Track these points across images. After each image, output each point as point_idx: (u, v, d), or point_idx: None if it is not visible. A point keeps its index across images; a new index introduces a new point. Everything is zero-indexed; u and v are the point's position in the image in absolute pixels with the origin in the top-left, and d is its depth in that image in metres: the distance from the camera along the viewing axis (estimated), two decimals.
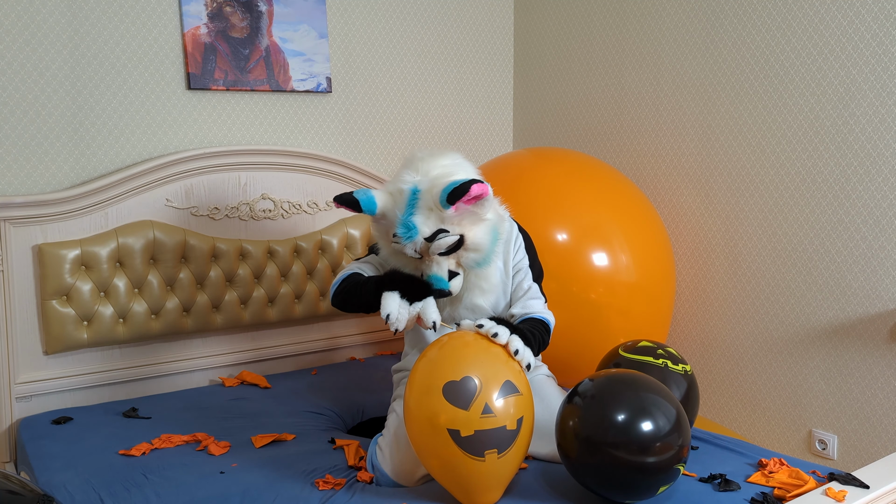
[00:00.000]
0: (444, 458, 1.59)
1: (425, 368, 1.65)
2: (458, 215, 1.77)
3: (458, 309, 1.94)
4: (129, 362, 2.56)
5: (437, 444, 1.58)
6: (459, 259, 1.83)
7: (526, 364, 1.69)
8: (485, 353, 1.65)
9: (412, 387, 1.65)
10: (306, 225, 2.88)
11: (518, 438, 1.60)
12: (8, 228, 2.33)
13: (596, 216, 2.56)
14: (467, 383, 1.57)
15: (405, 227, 1.76)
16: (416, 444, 1.65)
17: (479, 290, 1.91)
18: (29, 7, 2.38)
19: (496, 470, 1.59)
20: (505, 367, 1.64)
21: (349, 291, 1.89)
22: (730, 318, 2.77)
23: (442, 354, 1.66)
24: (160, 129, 2.65)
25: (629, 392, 1.59)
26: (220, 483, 1.81)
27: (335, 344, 2.99)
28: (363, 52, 3.07)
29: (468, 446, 1.55)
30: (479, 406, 1.55)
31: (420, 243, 1.78)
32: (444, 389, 1.57)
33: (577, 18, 3.23)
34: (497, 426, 1.56)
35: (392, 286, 1.79)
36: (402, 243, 1.78)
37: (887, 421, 2.37)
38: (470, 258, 1.83)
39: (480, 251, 1.83)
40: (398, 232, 1.77)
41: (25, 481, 1.42)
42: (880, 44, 2.29)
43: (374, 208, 1.81)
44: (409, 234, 1.76)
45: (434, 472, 1.65)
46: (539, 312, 1.95)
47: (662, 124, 2.93)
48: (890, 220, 2.32)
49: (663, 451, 1.53)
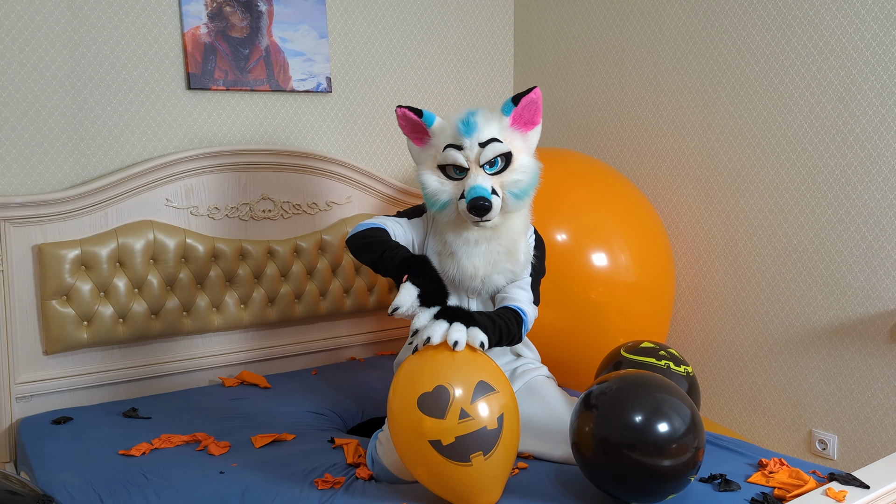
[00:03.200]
0: (433, 469, 1.58)
1: (402, 383, 1.64)
2: (512, 131, 1.86)
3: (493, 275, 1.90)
4: (129, 362, 2.56)
5: (423, 456, 1.57)
6: (503, 181, 1.84)
7: (478, 343, 1.67)
8: (451, 359, 1.63)
9: (393, 404, 1.64)
10: (306, 225, 2.88)
11: (503, 436, 1.58)
12: (8, 228, 2.33)
13: (595, 216, 2.56)
14: (440, 392, 1.56)
15: (465, 124, 1.83)
16: (406, 461, 1.64)
17: (507, 253, 1.89)
18: (29, 7, 2.38)
19: (486, 472, 1.58)
20: (475, 369, 1.62)
21: (373, 244, 1.89)
22: (730, 317, 2.77)
23: (414, 367, 1.65)
24: (160, 129, 2.65)
25: (646, 393, 1.59)
26: (220, 483, 1.81)
27: (335, 344, 2.99)
28: (363, 52, 3.07)
29: (452, 454, 1.54)
30: (455, 412, 1.54)
31: (475, 149, 1.82)
32: (419, 402, 1.57)
33: (577, 18, 3.23)
34: (477, 428, 1.55)
35: (417, 280, 1.75)
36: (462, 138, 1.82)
37: (887, 421, 2.37)
38: (513, 180, 1.84)
39: (524, 177, 1.85)
40: (458, 127, 1.84)
41: (25, 481, 1.42)
42: (880, 44, 2.29)
43: (432, 119, 1.92)
44: (468, 130, 1.82)
45: (428, 485, 1.64)
46: (517, 302, 1.91)
47: (662, 124, 2.93)
48: (890, 220, 2.32)
49: (679, 454, 1.53)
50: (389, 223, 1.98)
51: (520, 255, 1.91)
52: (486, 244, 1.88)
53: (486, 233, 1.87)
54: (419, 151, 1.97)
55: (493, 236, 1.88)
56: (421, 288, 1.74)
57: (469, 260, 1.88)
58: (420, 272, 1.78)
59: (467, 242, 1.88)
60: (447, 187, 1.86)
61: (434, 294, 1.75)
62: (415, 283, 1.74)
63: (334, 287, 2.92)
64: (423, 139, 1.96)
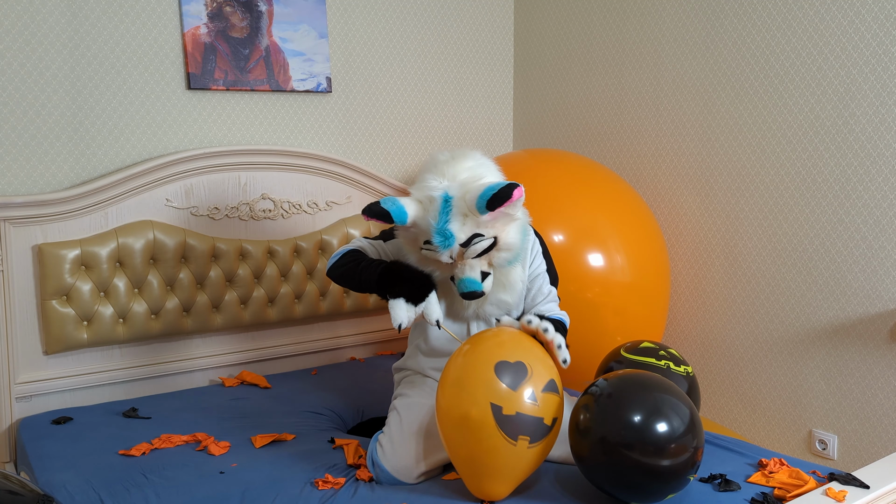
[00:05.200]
0: (477, 435, 1.59)
1: (475, 348, 1.68)
2: (492, 219, 1.77)
3: (485, 305, 1.95)
4: (129, 362, 2.56)
5: (473, 417, 1.59)
6: (491, 259, 1.83)
7: (562, 360, 1.74)
8: (533, 348, 1.71)
9: (456, 361, 1.68)
10: (306, 225, 2.88)
11: (549, 435, 1.63)
12: (8, 228, 2.33)
13: (591, 217, 2.59)
14: (520, 367, 1.62)
15: (442, 236, 1.75)
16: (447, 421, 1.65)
17: (501, 285, 1.92)
18: (29, 7, 2.38)
19: (520, 459, 1.60)
20: (550, 367, 1.69)
21: (349, 272, 1.93)
22: (730, 318, 2.77)
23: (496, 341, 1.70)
24: (160, 129, 2.65)
25: (645, 393, 1.59)
26: (220, 483, 1.81)
27: (335, 344, 2.99)
28: (363, 52, 3.07)
29: (506, 425, 1.57)
30: (526, 390, 1.60)
31: (456, 250, 1.78)
32: (497, 367, 1.61)
33: (577, 18, 3.23)
34: (536, 415, 1.59)
35: (395, 291, 1.81)
36: (439, 251, 1.77)
37: (887, 421, 2.37)
38: (502, 258, 1.84)
39: (512, 250, 1.85)
40: (434, 241, 1.76)
41: (25, 481, 1.42)
42: (880, 44, 2.29)
43: (405, 218, 1.77)
44: (446, 242, 1.75)
45: (456, 452, 1.65)
46: (557, 314, 2.00)
47: (662, 124, 2.93)
48: (890, 220, 2.32)
49: (678, 454, 1.53)
50: (365, 245, 2.01)
51: (517, 284, 1.94)
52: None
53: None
54: (401, 234, 1.89)
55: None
56: (405, 296, 1.79)
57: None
58: (398, 279, 1.83)
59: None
60: (436, 273, 1.87)
61: (419, 289, 1.80)
62: (396, 296, 1.79)
63: (334, 287, 2.92)
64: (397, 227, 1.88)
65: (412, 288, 1.82)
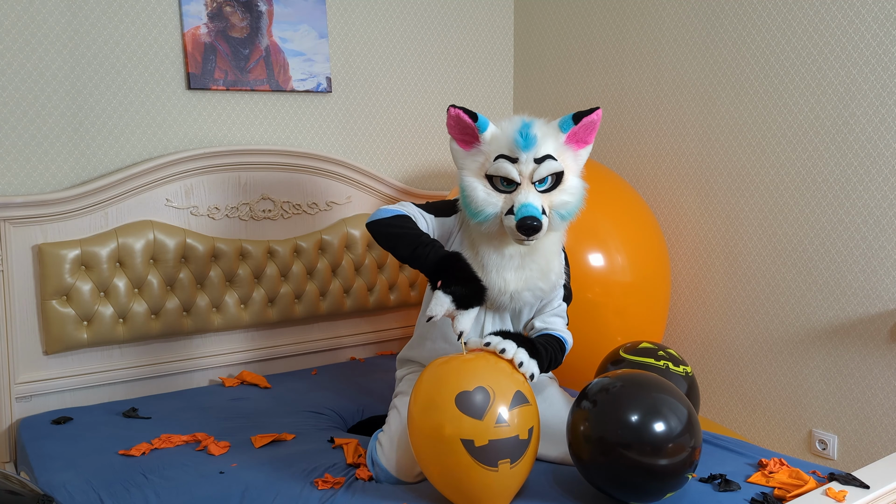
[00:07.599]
0: (455, 470, 1.57)
1: (432, 380, 1.64)
2: (565, 148, 1.82)
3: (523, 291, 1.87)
4: (129, 362, 2.56)
5: (448, 454, 1.56)
6: (551, 200, 1.80)
7: (529, 374, 1.69)
8: (493, 366, 1.66)
9: (418, 398, 1.64)
10: (306, 225, 2.88)
11: (529, 448, 1.60)
12: (8, 228, 2.33)
13: (592, 217, 2.58)
14: (480, 393, 1.57)
15: (525, 137, 1.77)
16: (422, 457, 1.64)
17: (540, 271, 1.87)
18: (29, 7, 2.38)
19: (507, 480, 1.58)
20: (513, 380, 1.64)
21: (405, 237, 1.80)
22: (730, 318, 2.77)
23: (449, 368, 1.65)
24: (160, 129, 2.65)
25: (642, 393, 1.59)
26: (220, 483, 1.81)
27: (335, 344, 2.99)
28: (363, 52, 3.07)
29: (482, 456, 1.54)
30: (493, 416, 1.55)
31: (530, 164, 1.77)
32: (458, 399, 1.56)
33: (577, 18, 3.23)
34: (510, 436, 1.56)
35: (448, 284, 1.71)
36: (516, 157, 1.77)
37: (887, 421, 2.37)
38: (561, 200, 1.81)
39: (572, 199, 1.82)
40: (515, 141, 1.77)
41: (25, 481, 1.42)
42: (880, 44, 2.29)
43: (486, 126, 1.84)
44: (527, 144, 1.77)
45: (441, 485, 1.64)
46: (558, 330, 1.96)
47: (662, 124, 2.93)
48: (890, 220, 2.32)
49: (676, 453, 1.53)
50: (415, 213, 1.92)
51: (552, 274, 1.90)
52: (521, 260, 1.86)
53: (523, 249, 1.85)
54: (464, 155, 1.89)
55: (529, 253, 1.85)
56: (454, 295, 1.70)
57: (500, 274, 1.85)
58: (453, 275, 1.72)
59: (502, 257, 1.85)
60: (495, 199, 1.80)
61: (469, 296, 1.71)
62: (447, 292, 1.70)
63: (334, 287, 2.92)
64: (471, 143, 1.88)
65: (465, 292, 1.71)
